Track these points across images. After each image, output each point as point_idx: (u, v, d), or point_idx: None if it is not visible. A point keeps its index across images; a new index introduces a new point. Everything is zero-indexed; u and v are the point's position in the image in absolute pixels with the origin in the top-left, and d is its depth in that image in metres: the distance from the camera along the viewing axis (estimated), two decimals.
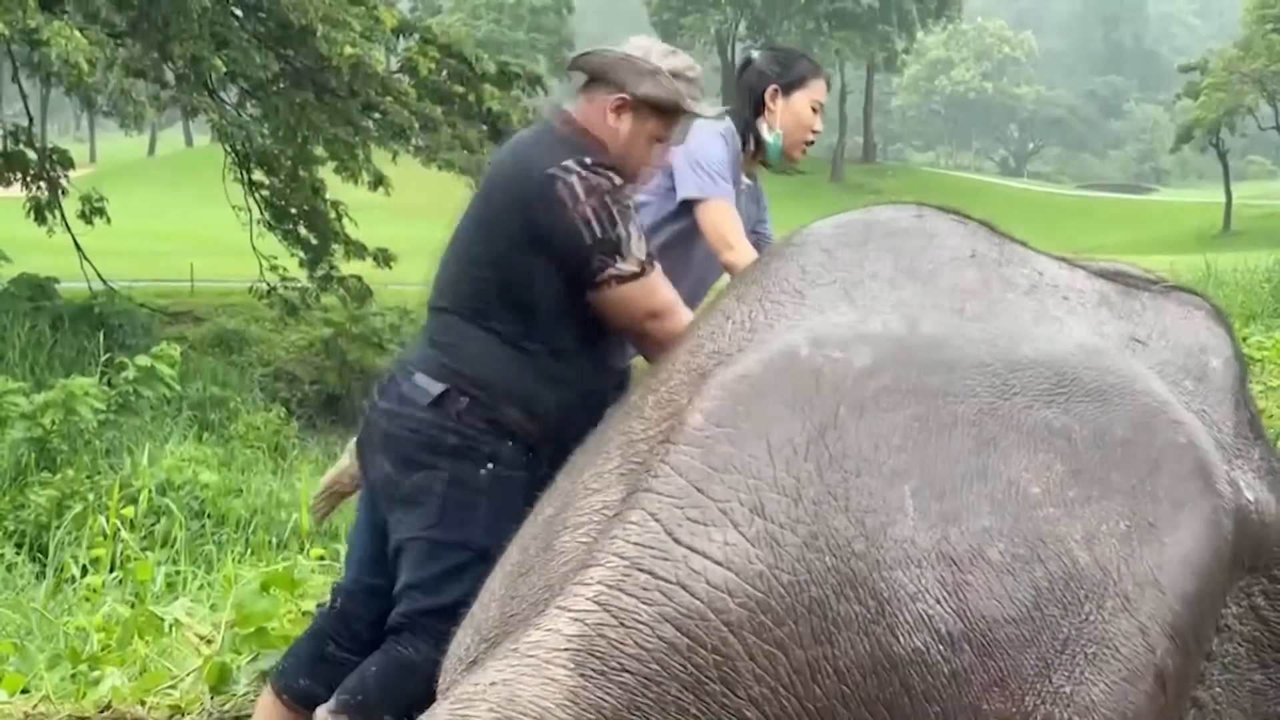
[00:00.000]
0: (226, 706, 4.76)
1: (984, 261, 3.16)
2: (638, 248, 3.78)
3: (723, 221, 4.64)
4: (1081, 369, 2.82)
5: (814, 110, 5.00)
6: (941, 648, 2.41)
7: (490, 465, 3.78)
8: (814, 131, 5.03)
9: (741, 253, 4.52)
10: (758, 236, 5.01)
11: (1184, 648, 2.60)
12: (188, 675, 5.14)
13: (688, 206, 4.73)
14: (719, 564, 2.50)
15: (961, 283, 3.06)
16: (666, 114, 4.00)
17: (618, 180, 3.78)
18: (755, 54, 5.13)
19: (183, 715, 4.78)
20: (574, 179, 3.71)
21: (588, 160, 3.75)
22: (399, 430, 3.87)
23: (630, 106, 3.94)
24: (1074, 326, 3.03)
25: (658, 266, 3.85)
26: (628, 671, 2.44)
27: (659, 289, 3.85)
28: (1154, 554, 2.61)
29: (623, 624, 2.48)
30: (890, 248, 3.16)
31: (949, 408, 2.67)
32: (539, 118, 4.57)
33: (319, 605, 4.36)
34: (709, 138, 4.78)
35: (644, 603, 2.49)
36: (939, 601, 2.43)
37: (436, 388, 3.82)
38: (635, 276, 3.77)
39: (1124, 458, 2.70)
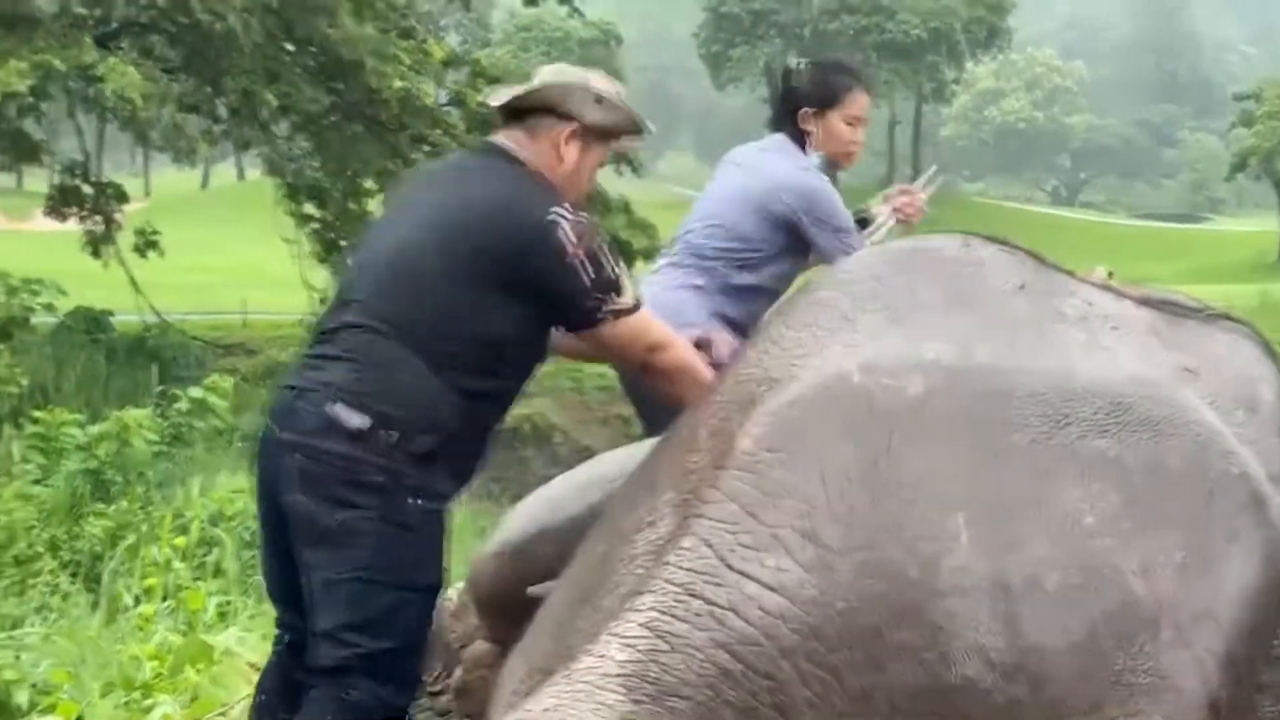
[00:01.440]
0: None
1: (1033, 292, 3.14)
2: (629, 285, 3.81)
3: None
4: (1135, 399, 2.80)
5: (851, 125, 4.97)
6: (995, 677, 2.40)
7: (418, 500, 3.65)
8: (854, 144, 5.01)
9: None
10: None
11: (1237, 679, 2.58)
12: (237, 702, 5.15)
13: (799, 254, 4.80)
14: (772, 590, 2.49)
15: (1012, 313, 3.04)
16: (611, 139, 4.04)
17: (593, 221, 3.82)
18: (795, 64, 5.10)
19: None
20: (566, 224, 3.68)
21: (565, 204, 3.75)
22: (318, 467, 3.63)
23: (579, 135, 3.92)
24: (1125, 356, 3.01)
25: (647, 302, 3.91)
26: (680, 697, 2.44)
27: (654, 322, 3.91)
28: (1209, 585, 2.59)
29: (675, 650, 2.48)
30: (940, 277, 3.14)
31: (1003, 436, 2.65)
32: (478, 148, 4.45)
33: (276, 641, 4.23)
34: (828, 194, 4.84)
35: (697, 628, 2.49)
36: (993, 631, 2.42)
37: (359, 419, 3.60)
38: (632, 311, 3.79)
39: (1178, 488, 2.68)
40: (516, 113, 3.97)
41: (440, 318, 3.71)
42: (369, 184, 25.02)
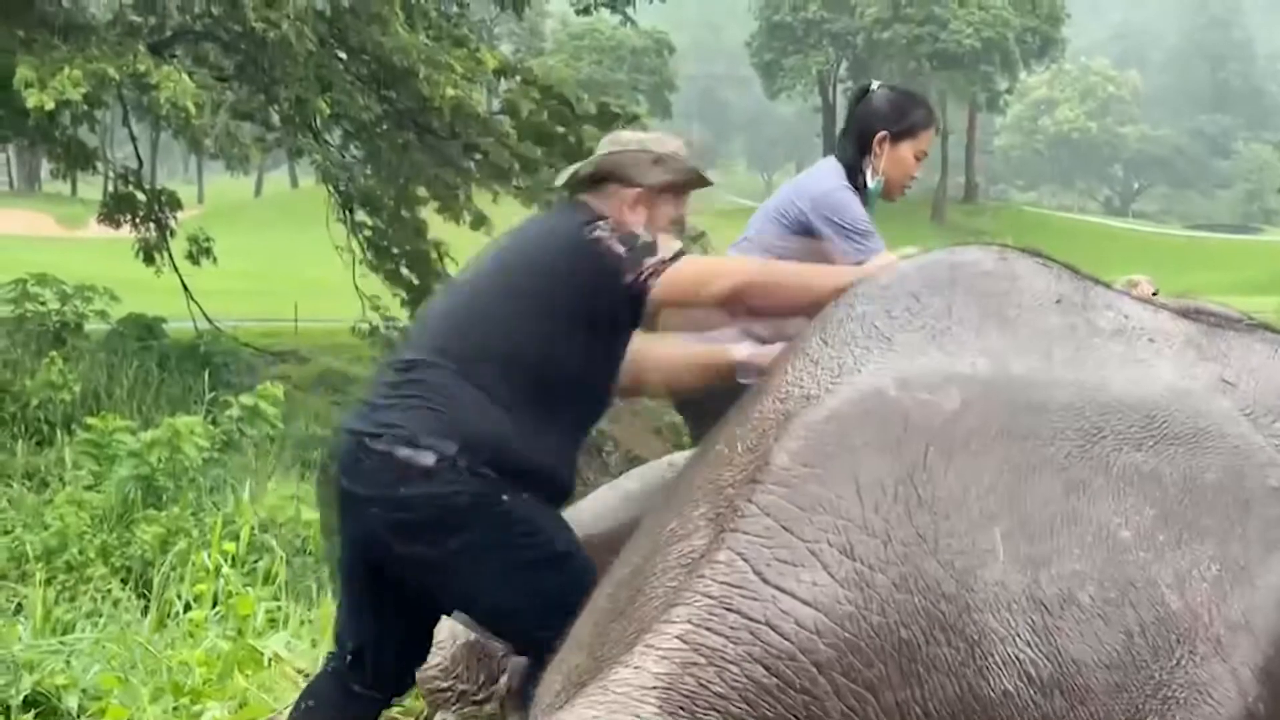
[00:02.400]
0: None
1: (1069, 305, 3.15)
2: (665, 245, 3.88)
3: None
4: (1171, 411, 2.81)
5: (917, 159, 5.00)
6: (1032, 692, 2.40)
7: (507, 497, 3.77)
8: (912, 177, 5.03)
9: None
10: None
11: (1275, 692, 2.57)
12: (286, 708, 5.17)
13: None
14: (808, 604, 2.50)
15: (1048, 327, 3.05)
16: (681, 192, 4.15)
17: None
18: (875, 87, 5.10)
19: None
20: (601, 227, 3.87)
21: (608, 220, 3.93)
22: (406, 514, 3.77)
23: (644, 198, 4.05)
24: (1162, 369, 3.01)
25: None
26: (715, 710, 2.45)
27: (699, 260, 4.05)
28: (1245, 597, 2.58)
29: (711, 663, 2.49)
30: (976, 292, 3.15)
31: (1038, 450, 2.66)
32: (554, 207, 4.61)
33: (329, 655, 4.30)
34: (843, 196, 4.84)
35: (732, 642, 2.50)
36: (1029, 645, 2.42)
37: (428, 457, 3.72)
38: (675, 259, 3.85)
39: (1214, 501, 2.69)
40: (585, 181, 4.13)
41: (506, 352, 3.84)
42: (421, 192, 25.07)
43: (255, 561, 11.33)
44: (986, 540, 2.52)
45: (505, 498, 3.76)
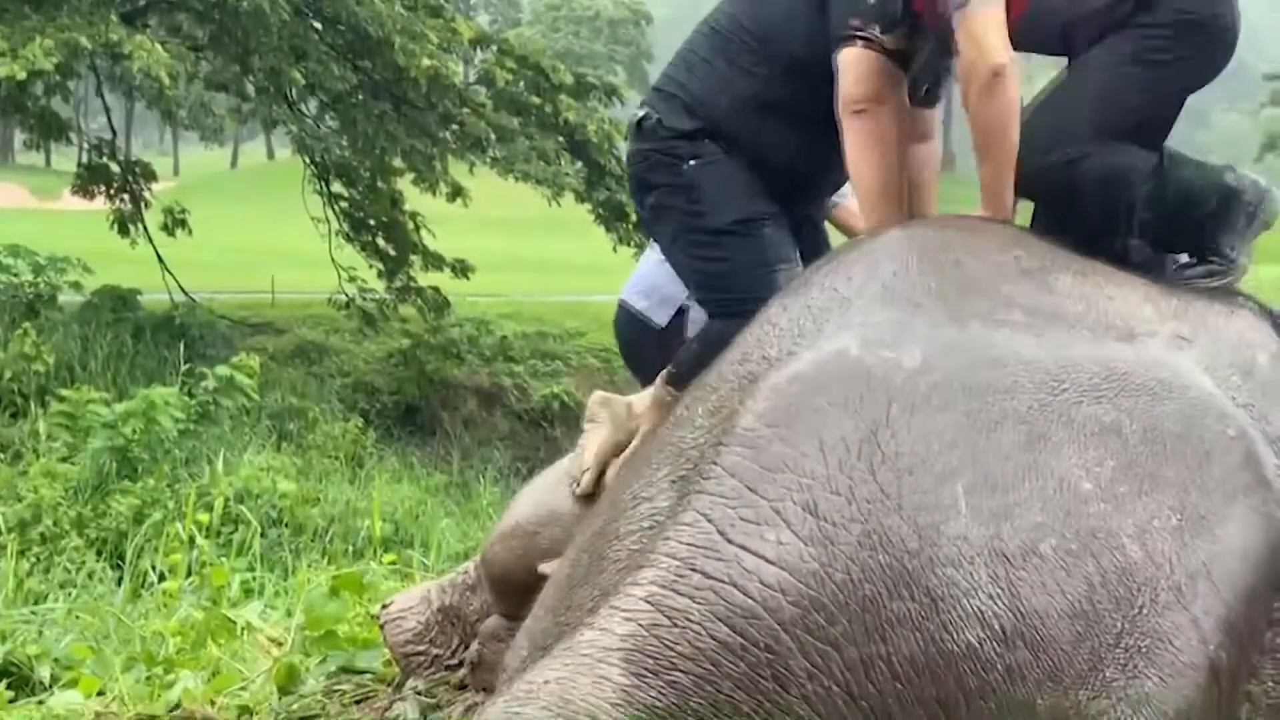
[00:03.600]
0: (294, 707, 4.78)
1: (1028, 269, 3.20)
2: None
3: None
4: (1130, 365, 2.83)
5: None
6: (995, 644, 2.41)
7: (692, 161, 4.02)
8: None
9: None
10: None
11: (1237, 640, 2.59)
12: (258, 677, 5.17)
13: None
14: (772, 563, 2.50)
15: (1007, 289, 3.09)
16: None
17: None
18: None
19: (251, 715, 4.81)
20: None
21: None
22: (629, 167, 4.34)
23: None
24: (1120, 325, 3.03)
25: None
26: (680, 671, 2.45)
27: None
28: (1206, 547, 2.61)
29: (675, 624, 2.49)
30: (935, 258, 3.19)
31: (999, 404, 2.67)
32: None
33: None
34: None
35: (697, 602, 2.50)
36: (992, 598, 2.43)
37: (641, 112, 4.19)
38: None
39: (1174, 452, 2.71)
40: None
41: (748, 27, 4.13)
42: (397, 162, 24.97)
43: (230, 532, 11.34)
44: (949, 495, 2.52)
45: (688, 165, 4.04)
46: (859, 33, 3.71)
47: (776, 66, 3.98)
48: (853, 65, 3.74)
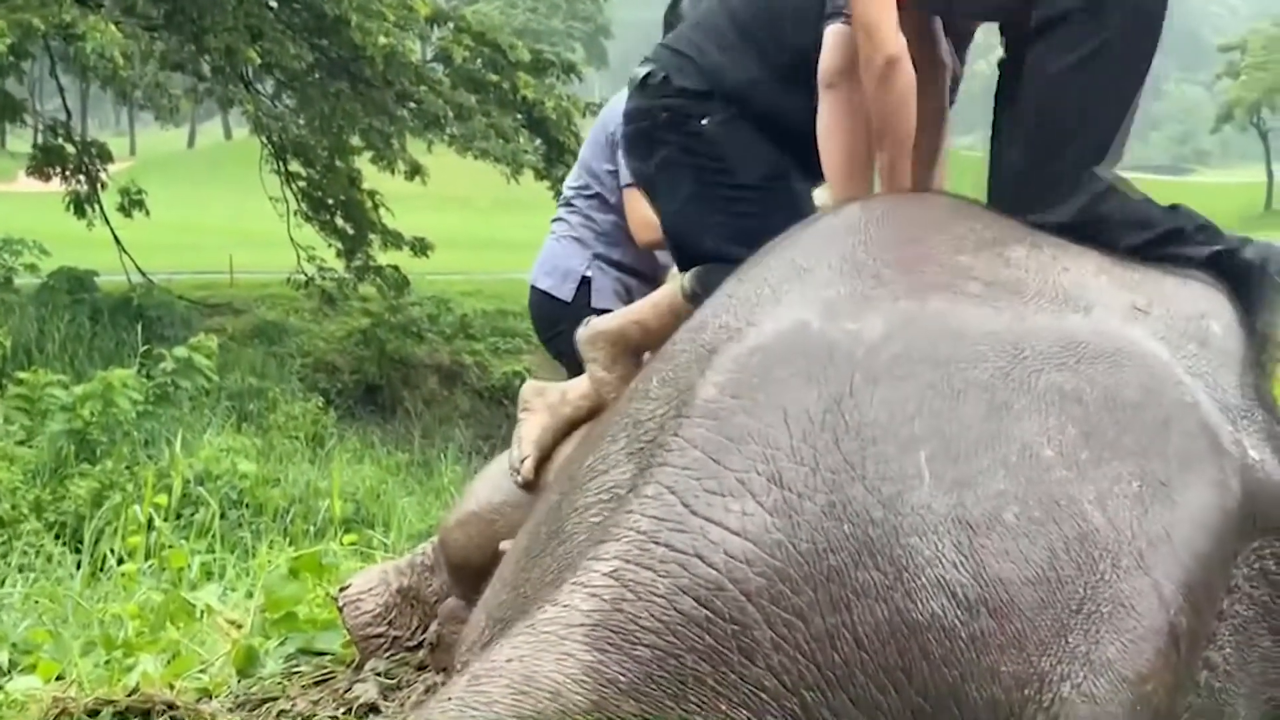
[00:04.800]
0: (253, 689, 4.74)
1: (983, 240, 3.22)
2: None
3: None
4: (1088, 334, 2.86)
5: None
6: (959, 611, 2.40)
7: (705, 119, 3.96)
8: None
9: None
10: None
11: (1196, 606, 2.60)
12: (217, 659, 5.13)
13: None
14: (737, 534, 2.48)
15: (965, 260, 3.11)
16: None
17: None
18: None
19: (210, 698, 4.77)
20: None
21: None
22: (628, 125, 4.19)
23: None
24: (1077, 296, 3.05)
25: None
26: (644, 645, 2.43)
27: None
28: (1166, 512, 2.62)
29: (639, 598, 2.47)
30: (892, 231, 3.21)
31: (961, 374, 2.67)
32: None
33: None
34: None
35: (661, 575, 2.48)
36: (956, 566, 2.43)
37: (646, 67, 4.11)
38: None
39: (1134, 419, 2.73)
40: None
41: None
42: (355, 141, 24.92)
43: (191, 514, 11.28)
44: (912, 464, 2.51)
45: (699, 123, 3.98)
46: (844, 11, 3.69)
47: (795, 52, 3.94)
48: (830, 40, 3.74)
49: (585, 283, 5.08)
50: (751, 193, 3.98)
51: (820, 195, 4.48)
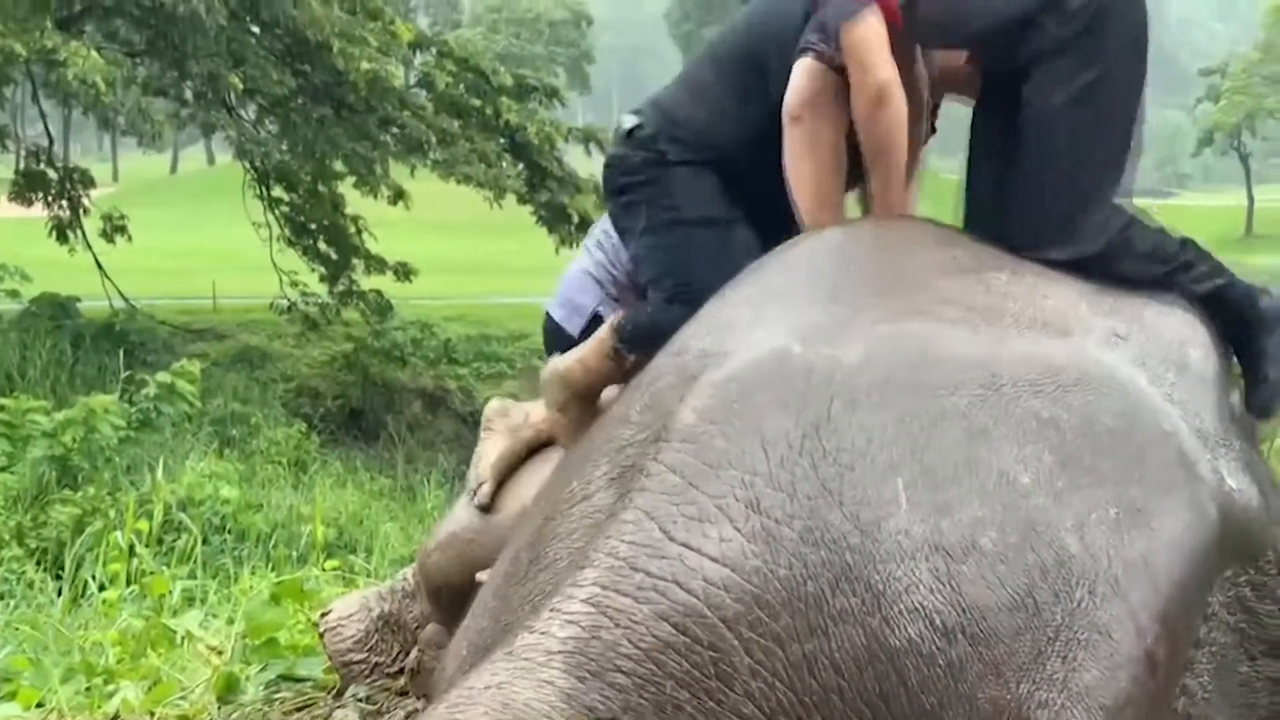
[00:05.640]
0: (234, 716, 4.74)
1: (964, 267, 3.22)
2: None
3: None
4: (1067, 361, 2.87)
5: None
6: (936, 638, 2.40)
7: (679, 166, 4.07)
8: None
9: None
10: None
11: (1173, 633, 2.60)
12: (197, 686, 5.12)
13: None
14: (715, 560, 2.48)
15: (945, 285, 3.11)
16: None
17: None
18: None
19: None
20: None
21: None
22: (607, 173, 4.29)
23: None
24: (1056, 322, 3.05)
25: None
26: (622, 673, 2.42)
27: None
28: (1142, 539, 2.62)
29: (618, 624, 2.46)
30: (873, 257, 3.22)
31: (939, 400, 2.67)
32: None
33: None
34: None
35: (639, 602, 2.47)
36: (933, 592, 2.42)
37: (631, 120, 4.20)
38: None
39: (1111, 446, 2.73)
40: None
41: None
42: (338, 166, 24.91)
43: (173, 540, 11.24)
44: (890, 490, 2.51)
45: (673, 168, 4.08)
46: (814, 45, 3.71)
47: (774, 102, 3.95)
48: (796, 76, 3.76)
49: (596, 319, 5.09)
50: (690, 228, 4.05)
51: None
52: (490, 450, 4.37)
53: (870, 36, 3.53)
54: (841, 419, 2.62)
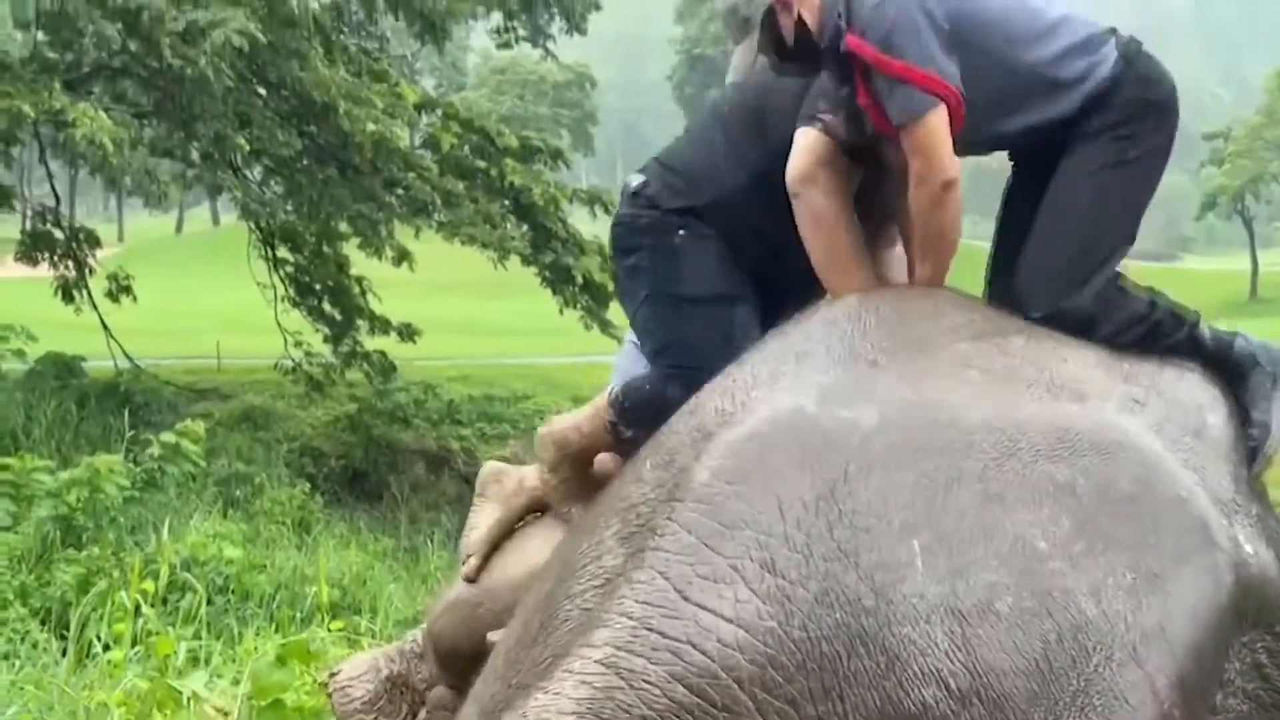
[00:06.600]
0: None
1: (981, 331, 3.23)
2: None
3: None
4: (1083, 426, 2.86)
5: None
6: (951, 702, 2.40)
7: (682, 232, 4.05)
8: None
9: None
10: None
11: (1189, 700, 2.59)
12: None
13: None
14: (730, 621, 2.48)
15: (961, 351, 3.11)
16: None
17: None
18: None
19: None
20: None
21: None
22: (613, 232, 4.29)
23: None
24: (1073, 387, 3.05)
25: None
26: None
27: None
28: (1159, 606, 2.61)
29: (631, 685, 2.46)
30: (890, 320, 3.22)
31: (955, 464, 2.67)
32: None
33: None
34: None
35: (653, 663, 2.47)
36: (948, 655, 2.42)
37: (637, 180, 4.20)
38: None
39: (1128, 512, 2.72)
40: None
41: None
42: (343, 227, 24.95)
43: (177, 600, 11.22)
44: (905, 553, 2.51)
45: (677, 235, 4.07)
46: (820, 115, 3.75)
47: (773, 146, 3.99)
48: (799, 147, 3.80)
49: None
50: (690, 306, 4.06)
51: None
52: (482, 519, 4.38)
53: (940, 132, 3.56)
54: (858, 481, 2.63)
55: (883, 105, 3.63)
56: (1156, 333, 3.53)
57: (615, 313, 20.92)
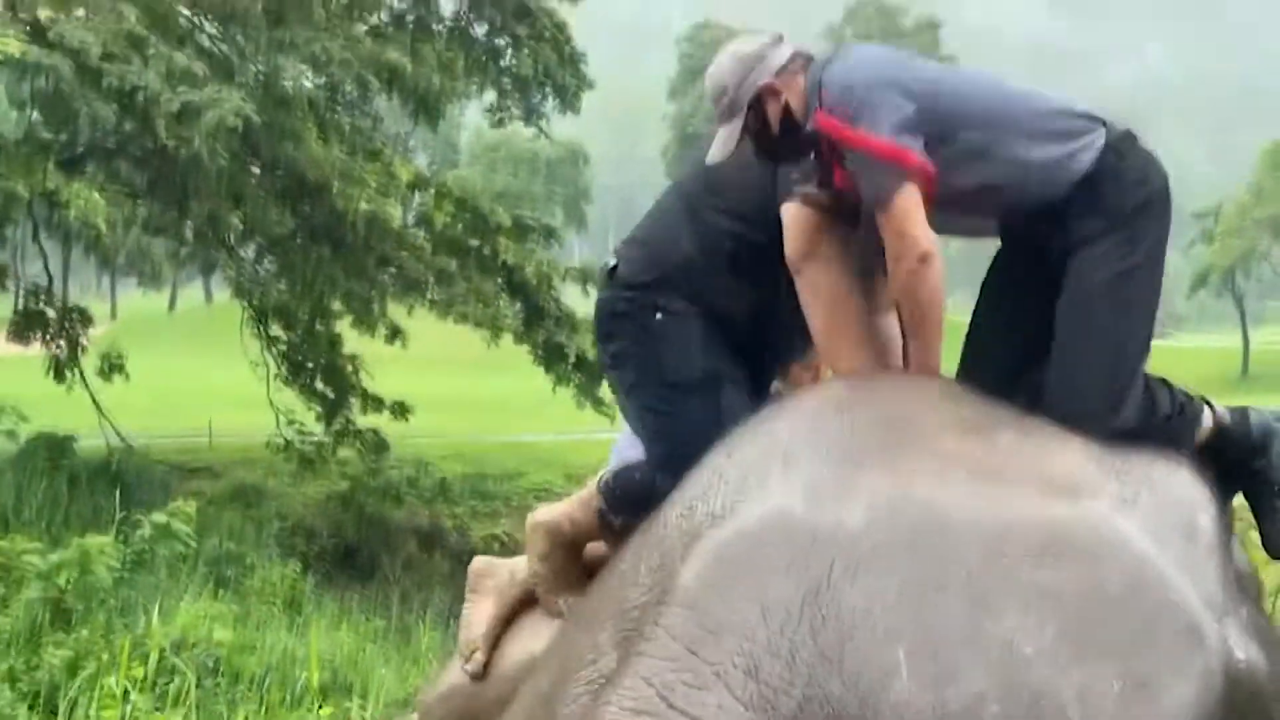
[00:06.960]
0: None
1: (970, 425, 3.20)
2: None
3: None
4: (1071, 528, 2.84)
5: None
6: None
7: (659, 315, 4.06)
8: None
9: None
10: None
11: None
12: None
13: None
14: None
15: (950, 446, 3.09)
16: None
17: None
18: None
19: None
20: None
21: None
22: (596, 318, 4.31)
23: None
24: (1063, 484, 3.04)
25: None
26: None
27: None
28: (1148, 714, 2.59)
29: None
30: (879, 413, 3.20)
31: (941, 568, 2.67)
32: None
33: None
34: None
35: None
36: None
37: (612, 261, 4.26)
38: None
39: (1116, 616, 2.71)
40: None
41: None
42: (335, 305, 24.99)
43: (166, 683, 11.17)
44: (890, 659, 2.51)
45: (655, 317, 4.08)
46: (798, 189, 3.78)
47: (732, 216, 4.04)
48: (790, 224, 3.83)
49: None
50: (676, 392, 4.07)
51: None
52: (477, 614, 4.38)
53: (910, 209, 3.59)
54: (842, 584, 2.62)
55: (858, 184, 3.67)
56: (1184, 416, 3.56)
57: (608, 390, 20.92)
